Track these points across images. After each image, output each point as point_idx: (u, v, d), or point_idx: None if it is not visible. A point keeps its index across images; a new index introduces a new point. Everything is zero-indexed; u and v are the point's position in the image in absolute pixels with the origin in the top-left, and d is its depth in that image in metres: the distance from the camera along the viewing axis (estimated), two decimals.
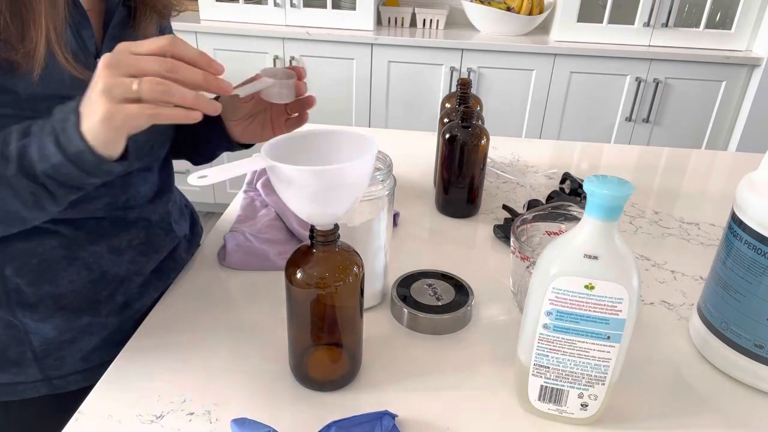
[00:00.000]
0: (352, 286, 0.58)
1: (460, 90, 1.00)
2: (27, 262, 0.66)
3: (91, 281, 0.71)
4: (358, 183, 0.54)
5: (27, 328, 0.68)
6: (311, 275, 0.56)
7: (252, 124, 0.73)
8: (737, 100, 2.39)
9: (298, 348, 0.62)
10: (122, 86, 0.49)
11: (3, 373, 0.70)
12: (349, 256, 0.58)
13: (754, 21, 2.31)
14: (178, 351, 0.67)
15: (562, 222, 0.77)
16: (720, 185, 1.19)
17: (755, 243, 0.60)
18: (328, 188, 0.51)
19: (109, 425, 0.57)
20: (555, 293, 0.52)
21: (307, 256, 0.57)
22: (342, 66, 2.41)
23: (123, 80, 0.49)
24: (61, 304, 0.69)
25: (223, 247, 0.84)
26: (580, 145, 1.37)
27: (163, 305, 0.74)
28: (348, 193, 0.53)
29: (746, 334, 0.63)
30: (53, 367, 0.71)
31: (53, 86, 0.60)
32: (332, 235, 0.55)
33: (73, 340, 0.71)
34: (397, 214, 0.97)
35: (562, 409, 0.58)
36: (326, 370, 0.63)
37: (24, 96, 0.59)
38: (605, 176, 0.49)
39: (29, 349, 0.69)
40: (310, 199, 0.52)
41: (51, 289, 0.68)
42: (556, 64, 2.35)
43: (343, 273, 0.57)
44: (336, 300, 0.58)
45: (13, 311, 0.67)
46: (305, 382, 0.62)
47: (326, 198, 0.52)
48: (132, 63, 0.49)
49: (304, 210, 0.54)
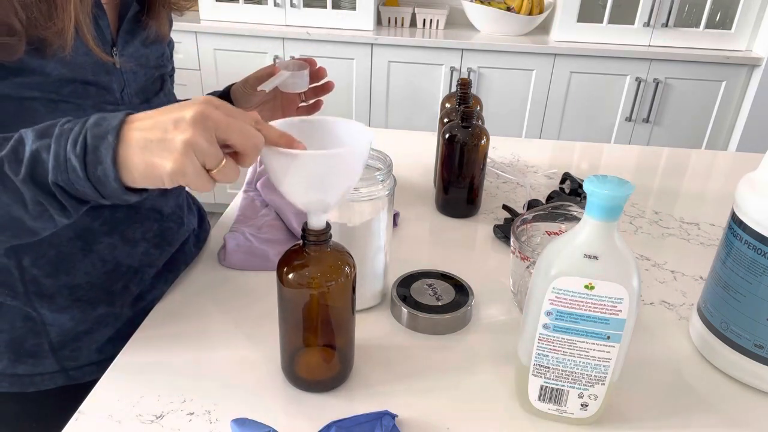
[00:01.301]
0: (344, 287, 0.58)
1: (460, 90, 1.00)
2: (44, 253, 0.67)
3: (105, 272, 0.71)
4: (353, 169, 0.53)
5: (44, 319, 0.69)
6: (303, 275, 0.56)
7: (263, 111, 0.74)
8: (737, 100, 2.39)
9: (289, 348, 0.62)
10: (212, 158, 0.47)
11: (20, 365, 0.70)
12: (341, 256, 0.58)
13: (754, 21, 2.31)
14: (178, 351, 0.67)
15: (562, 222, 0.77)
16: (720, 185, 1.19)
17: (755, 243, 0.60)
18: (323, 173, 0.51)
19: (109, 425, 0.57)
20: (555, 293, 0.52)
21: (299, 256, 0.57)
22: (342, 66, 2.41)
23: (216, 152, 0.47)
24: (78, 295, 0.70)
25: (223, 247, 0.84)
26: (580, 145, 1.37)
27: (163, 305, 0.74)
28: (343, 179, 0.53)
29: (746, 334, 0.63)
30: (70, 358, 0.72)
31: (78, 70, 0.61)
32: (324, 235, 0.55)
33: (89, 331, 0.72)
34: (397, 214, 0.97)
35: (562, 409, 0.58)
36: (317, 371, 0.63)
37: (53, 78, 0.59)
38: (605, 176, 0.49)
39: (46, 340, 0.70)
40: (306, 185, 0.51)
41: (68, 279, 0.69)
42: (556, 64, 2.35)
43: (335, 273, 0.57)
44: (328, 300, 0.58)
45: (31, 302, 0.68)
46: (296, 382, 0.62)
47: (321, 184, 0.52)
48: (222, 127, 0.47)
49: (299, 198, 0.53)
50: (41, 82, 0.58)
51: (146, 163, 0.48)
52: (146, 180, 0.49)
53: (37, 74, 0.58)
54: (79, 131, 0.49)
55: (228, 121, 0.47)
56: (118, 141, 0.48)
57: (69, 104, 0.61)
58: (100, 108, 0.64)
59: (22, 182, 0.50)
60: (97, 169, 0.48)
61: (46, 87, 0.59)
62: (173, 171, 0.47)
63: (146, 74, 0.73)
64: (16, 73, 0.57)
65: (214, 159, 0.47)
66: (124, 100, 0.68)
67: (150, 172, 0.48)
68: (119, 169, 0.48)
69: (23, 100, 0.58)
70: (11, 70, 0.56)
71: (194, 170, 0.47)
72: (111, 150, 0.48)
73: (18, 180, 0.50)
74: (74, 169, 0.49)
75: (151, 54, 0.73)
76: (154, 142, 0.47)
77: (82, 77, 0.62)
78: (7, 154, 0.50)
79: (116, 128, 0.48)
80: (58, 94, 0.60)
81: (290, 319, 0.59)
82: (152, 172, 0.48)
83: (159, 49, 0.75)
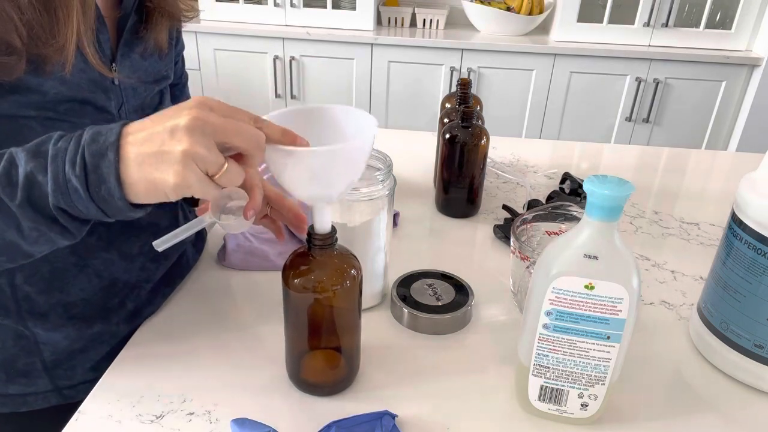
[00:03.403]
0: (350, 290, 0.57)
1: (460, 90, 1.00)
2: (37, 269, 0.64)
3: (101, 289, 0.69)
4: (357, 162, 0.52)
5: (38, 338, 0.67)
6: (309, 279, 0.56)
7: None
8: (737, 100, 2.39)
9: (295, 352, 0.61)
10: (214, 165, 0.46)
11: (12, 384, 0.68)
12: (348, 259, 0.57)
13: (754, 21, 2.31)
14: (178, 351, 0.67)
15: (562, 222, 0.77)
16: (720, 185, 1.19)
17: (755, 243, 0.60)
18: (326, 169, 0.50)
19: (109, 425, 0.57)
20: (555, 293, 0.52)
21: (305, 259, 0.56)
22: (342, 66, 2.41)
23: (216, 159, 0.45)
24: (72, 313, 0.68)
25: (223, 247, 0.84)
26: (580, 145, 1.37)
27: (163, 305, 0.75)
28: (347, 173, 0.51)
29: (746, 334, 0.63)
30: (64, 377, 0.70)
31: (75, 88, 0.59)
32: (330, 239, 0.54)
33: (83, 349, 0.70)
34: (397, 214, 0.97)
35: (562, 409, 0.58)
36: (323, 375, 0.62)
37: (50, 97, 0.57)
38: (605, 176, 0.49)
39: (39, 359, 0.68)
40: (309, 179, 0.50)
41: (62, 297, 0.67)
42: (556, 64, 2.35)
43: (341, 277, 0.56)
44: (334, 304, 0.57)
45: (23, 321, 0.66)
46: (302, 386, 0.61)
47: (324, 179, 0.50)
48: (220, 130, 0.45)
49: (302, 192, 0.52)
50: (38, 101, 0.56)
51: (147, 180, 0.46)
52: (150, 195, 0.47)
53: (34, 92, 0.56)
54: (75, 150, 0.47)
55: (225, 123, 0.46)
56: (119, 158, 0.46)
57: (65, 123, 0.59)
58: None
59: (18, 207, 0.47)
60: (101, 189, 0.47)
61: (42, 105, 0.57)
62: (176, 185, 0.45)
63: (145, 90, 0.71)
64: (12, 91, 0.55)
65: (215, 166, 0.46)
66: (121, 117, 0.66)
67: (153, 187, 0.46)
68: (123, 187, 0.47)
69: (18, 119, 0.56)
70: (7, 88, 0.54)
71: (197, 179, 0.45)
72: (113, 168, 0.46)
73: (14, 205, 0.47)
74: (76, 190, 0.47)
75: (150, 68, 0.71)
76: (152, 156, 0.45)
77: (80, 96, 0.59)
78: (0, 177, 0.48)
79: (115, 144, 0.46)
80: (55, 112, 0.58)
81: (296, 323, 0.59)
82: (155, 187, 0.46)
83: (157, 63, 0.73)
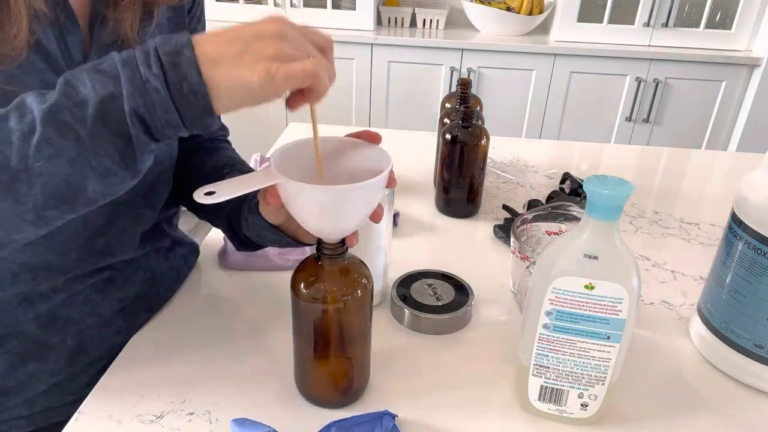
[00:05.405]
0: (361, 300, 0.56)
1: (460, 90, 1.00)
2: None
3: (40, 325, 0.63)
4: (370, 200, 0.51)
5: None
6: (318, 289, 0.54)
7: None
8: (737, 100, 2.39)
9: (303, 363, 0.60)
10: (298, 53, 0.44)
11: None
12: (358, 268, 0.56)
13: (754, 21, 2.31)
14: (178, 351, 0.67)
15: (562, 222, 0.77)
16: (720, 185, 1.19)
17: (755, 243, 0.60)
18: (339, 205, 0.49)
19: (109, 425, 0.57)
20: (555, 293, 0.52)
21: (314, 268, 0.55)
22: (342, 66, 2.41)
23: (303, 56, 0.44)
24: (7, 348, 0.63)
25: (223, 247, 0.84)
26: (580, 145, 1.37)
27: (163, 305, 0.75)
28: (359, 209, 0.51)
29: (746, 334, 0.63)
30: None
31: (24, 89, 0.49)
32: (340, 249, 0.53)
33: (18, 386, 0.65)
34: (397, 214, 0.97)
35: (562, 409, 0.58)
36: (333, 387, 0.61)
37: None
38: (605, 176, 0.49)
39: None
40: (320, 214, 0.50)
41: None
42: (556, 64, 2.35)
43: (352, 287, 0.55)
44: (344, 314, 0.56)
45: None
46: (310, 398, 0.60)
47: (336, 214, 0.50)
48: (300, 43, 0.45)
49: (313, 225, 0.52)
50: None
51: (230, 78, 0.43)
52: (232, 95, 0.44)
53: None
54: (146, 54, 0.43)
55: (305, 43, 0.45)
56: (196, 55, 0.43)
57: None
58: None
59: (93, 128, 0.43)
60: (183, 87, 0.43)
61: None
62: (262, 81, 0.43)
63: None
64: None
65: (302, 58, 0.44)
66: None
67: (238, 84, 0.43)
68: (208, 85, 0.43)
69: None
70: None
71: (284, 74, 0.43)
72: (193, 64, 0.43)
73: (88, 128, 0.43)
74: (156, 90, 0.43)
75: None
76: (236, 54, 0.43)
77: None
78: (60, 100, 0.43)
79: (189, 44, 0.43)
80: None
81: (305, 334, 0.57)
82: (241, 84, 0.43)
83: None
